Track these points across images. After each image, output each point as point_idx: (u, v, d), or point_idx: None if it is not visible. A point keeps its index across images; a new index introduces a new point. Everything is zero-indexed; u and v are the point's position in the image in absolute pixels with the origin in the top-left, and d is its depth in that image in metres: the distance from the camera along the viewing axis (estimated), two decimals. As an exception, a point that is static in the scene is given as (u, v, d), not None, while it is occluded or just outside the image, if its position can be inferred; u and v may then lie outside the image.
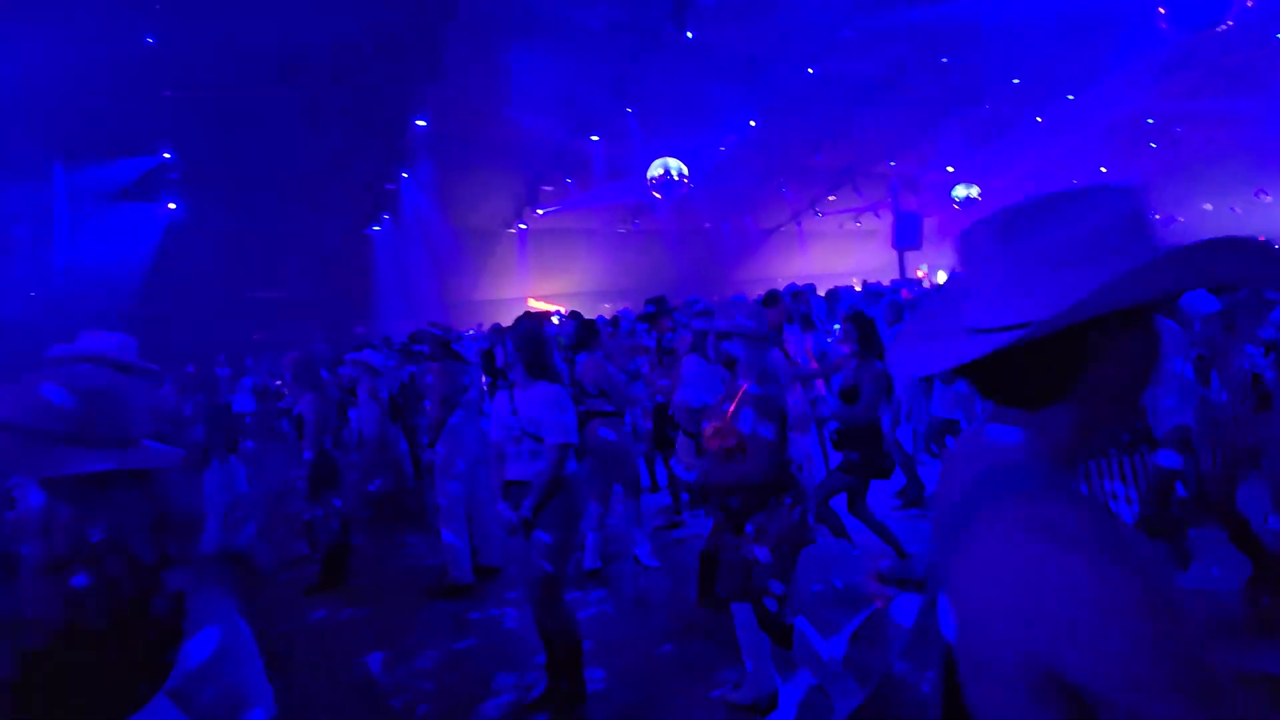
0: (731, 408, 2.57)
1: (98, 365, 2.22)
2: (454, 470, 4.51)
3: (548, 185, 17.75)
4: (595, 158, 16.87)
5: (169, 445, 1.65)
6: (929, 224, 18.64)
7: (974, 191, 19.42)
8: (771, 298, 5.03)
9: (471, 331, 11.99)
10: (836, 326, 5.41)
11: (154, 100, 11.58)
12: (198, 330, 12.55)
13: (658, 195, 15.22)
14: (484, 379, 5.68)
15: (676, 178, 14.74)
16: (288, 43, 11.20)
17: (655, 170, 15.01)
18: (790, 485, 2.58)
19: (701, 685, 3.08)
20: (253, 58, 11.37)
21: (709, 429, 2.58)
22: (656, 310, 5.44)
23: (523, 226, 19.12)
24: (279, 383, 9.74)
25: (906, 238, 17.14)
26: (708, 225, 21.54)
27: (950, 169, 20.48)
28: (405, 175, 15.78)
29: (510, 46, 12.84)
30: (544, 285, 19.61)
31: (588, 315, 6.11)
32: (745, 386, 2.60)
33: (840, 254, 23.72)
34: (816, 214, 22.77)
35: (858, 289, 12.37)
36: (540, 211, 18.50)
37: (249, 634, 1.44)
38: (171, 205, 13.55)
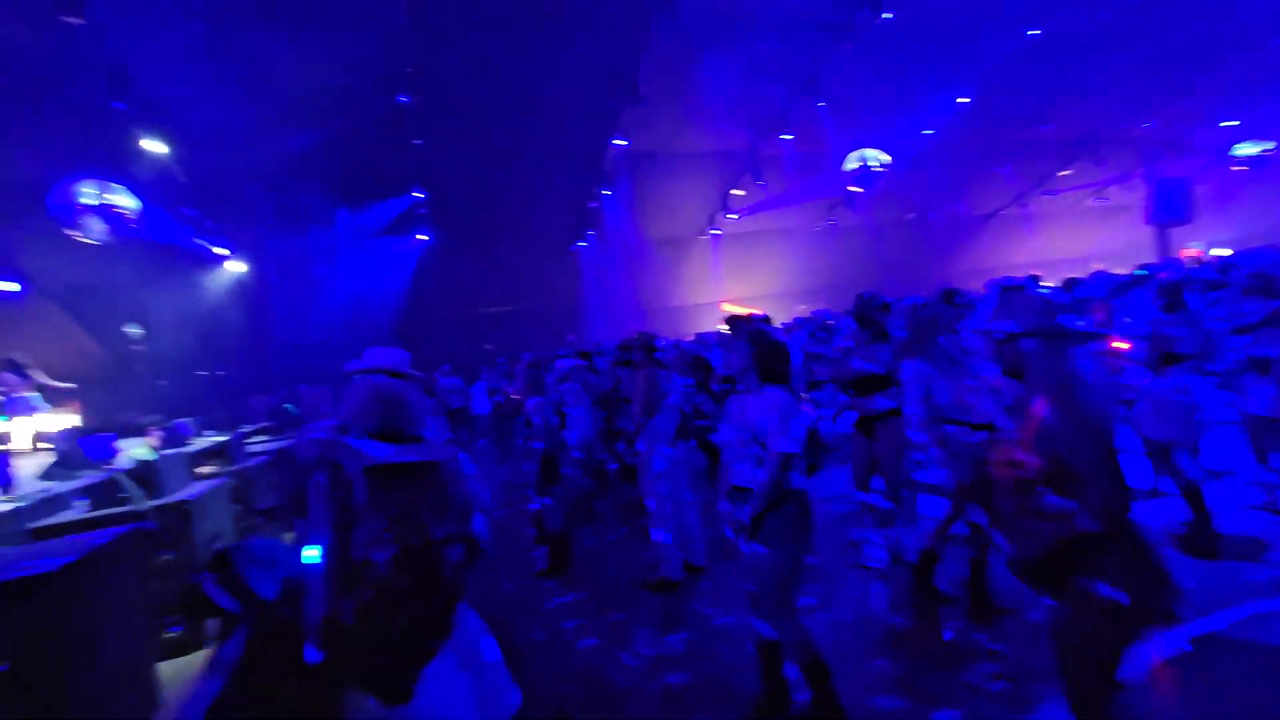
0: (1028, 426, 1.96)
1: (388, 376, 2.68)
2: (654, 471, 4.68)
3: (738, 189, 17.77)
4: (787, 157, 16.52)
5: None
6: (1199, 192, 15.44)
7: (1266, 147, 15.72)
8: (949, 295, 4.53)
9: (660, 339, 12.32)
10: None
11: (406, 149, 13.60)
12: (441, 343, 14.50)
13: (856, 189, 14.46)
14: (686, 383, 5.81)
15: (877, 167, 13.88)
16: (505, 88, 12.61)
17: (851, 163, 14.28)
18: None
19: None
20: (477, 105, 12.97)
21: (999, 457, 2.01)
22: (865, 308, 5.09)
23: (715, 232, 19.30)
24: (508, 388, 10.78)
25: (1169, 209, 14.34)
26: (911, 216, 19.98)
27: (1231, 123, 16.79)
28: (607, 193, 16.77)
29: (700, 58, 13.08)
30: (736, 288, 19.60)
31: (781, 318, 5.98)
32: (1039, 400, 1.97)
33: (1076, 237, 20.63)
34: (1045, 194, 20.04)
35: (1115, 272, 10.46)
36: (731, 215, 18.56)
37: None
38: (421, 237, 15.82)
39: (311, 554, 1.45)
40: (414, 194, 15.09)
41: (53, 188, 10.59)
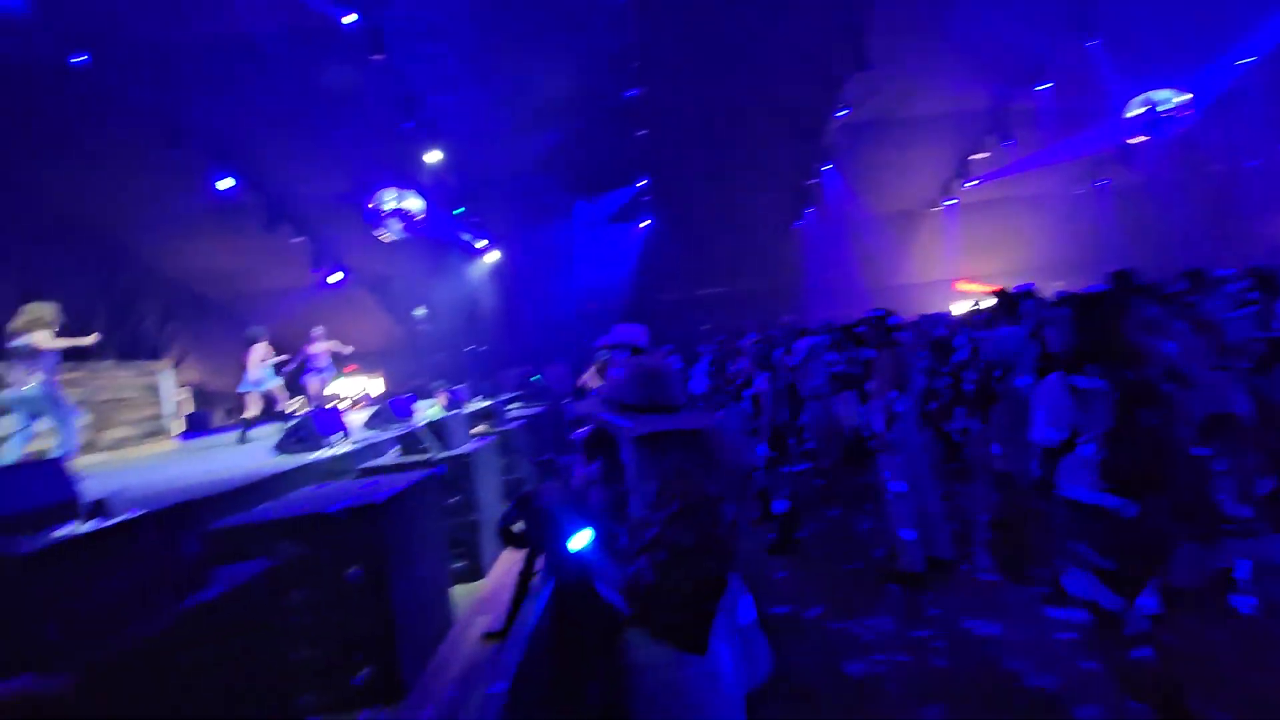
0: None
1: (635, 353, 2.91)
2: (898, 457, 4.40)
3: (979, 153, 15.81)
4: (1043, 111, 14.27)
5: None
6: None
7: None
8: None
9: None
10: None
11: (631, 140, 14.30)
12: (662, 324, 15.14)
13: (1138, 140, 12.04)
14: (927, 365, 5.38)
15: (1171, 111, 11.42)
16: (725, 66, 12.61)
17: (1135, 109, 11.90)
18: None
19: None
20: (698, 89, 13.17)
21: None
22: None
23: (949, 202, 17.44)
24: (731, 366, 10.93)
25: None
26: (1219, 168, 16.10)
27: None
28: (827, 167, 16.02)
29: (939, 9, 11.81)
30: (975, 264, 17.55)
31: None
32: None
33: None
34: None
35: None
36: (970, 183, 16.60)
37: None
38: (645, 223, 16.59)
39: (583, 538, 1.61)
40: (638, 183, 15.85)
41: (365, 197, 12.98)
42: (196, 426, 9.60)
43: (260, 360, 7.36)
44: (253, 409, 7.21)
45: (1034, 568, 3.95)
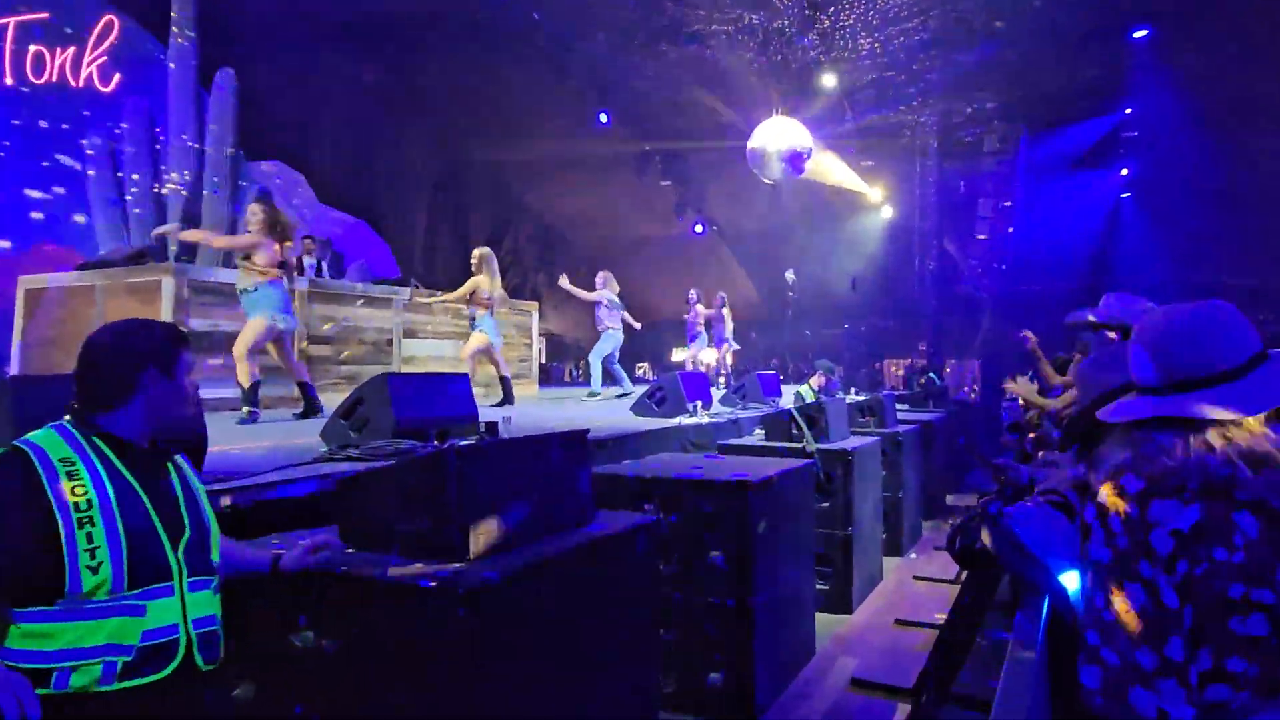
0: None
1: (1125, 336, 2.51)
2: None
3: None
4: None
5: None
6: None
7: None
8: None
9: None
10: None
11: (1115, 46, 12.47)
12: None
13: None
14: None
15: None
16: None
17: None
18: None
19: None
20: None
21: None
22: None
23: None
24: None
25: None
26: None
27: None
28: None
29: None
30: None
31: None
32: None
33: None
34: None
35: None
36: None
37: None
38: (1124, 171, 14.44)
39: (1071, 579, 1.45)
40: (1123, 110, 13.82)
41: (743, 132, 13.89)
42: (548, 376, 11.57)
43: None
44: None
45: None
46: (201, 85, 10.90)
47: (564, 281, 8.48)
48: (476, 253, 7.09)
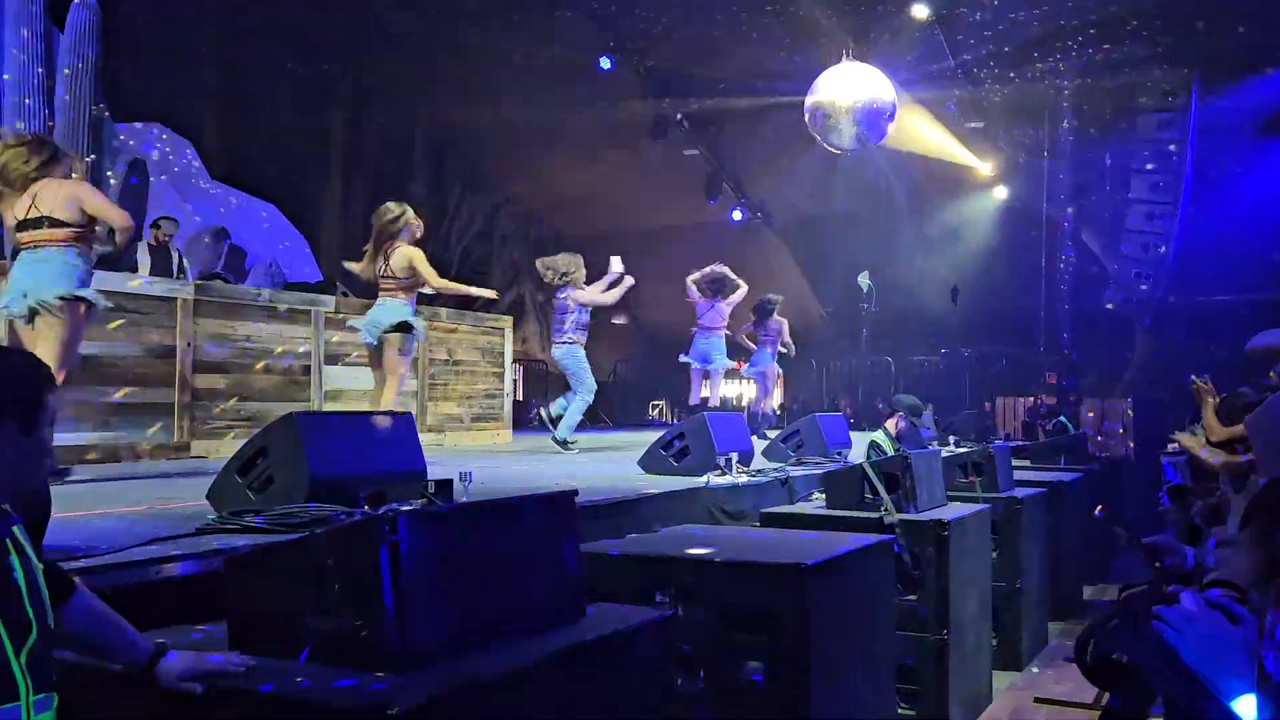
0: None
1: None
2: None
3: None
4: None
5: None
6: None
7: None
8: None
9: None
10: None
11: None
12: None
13: None
14: None
15: None
16: None
17: None
18: None
19: None
20: None
21: None
22: None
23: None
24: None
25: None
26: None
27: None
28: None
29: None
30: None
31: None
32: None
33: None
34: None
35: None
36: None
37: None
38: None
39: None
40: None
41: (800, 84, 14.06)
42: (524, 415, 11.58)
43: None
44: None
45: None
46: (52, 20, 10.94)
47: (616, 264, 8.46)
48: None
